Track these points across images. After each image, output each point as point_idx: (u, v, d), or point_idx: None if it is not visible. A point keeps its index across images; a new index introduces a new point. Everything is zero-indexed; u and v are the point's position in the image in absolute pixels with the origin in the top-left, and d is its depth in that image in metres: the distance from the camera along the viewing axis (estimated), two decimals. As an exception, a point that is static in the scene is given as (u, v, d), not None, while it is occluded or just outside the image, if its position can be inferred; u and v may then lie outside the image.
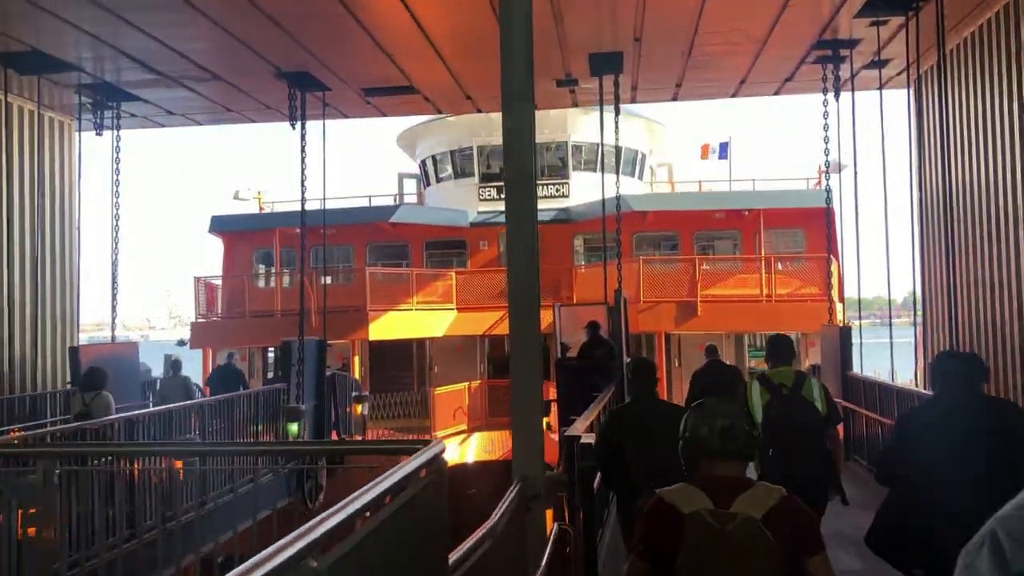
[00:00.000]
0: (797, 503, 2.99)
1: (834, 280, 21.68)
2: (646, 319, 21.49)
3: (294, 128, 15.51)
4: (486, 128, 26.82)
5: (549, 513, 5.99)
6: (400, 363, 25.57)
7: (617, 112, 15.73)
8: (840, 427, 6.48)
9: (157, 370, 18.27)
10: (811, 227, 24.66)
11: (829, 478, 5.97)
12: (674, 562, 2.89)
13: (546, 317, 20.73)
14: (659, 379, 6.58)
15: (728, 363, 13.68)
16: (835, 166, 27.57)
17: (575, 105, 17.96)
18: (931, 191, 15.20)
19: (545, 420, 16.98)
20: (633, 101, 17.73)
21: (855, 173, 15.32)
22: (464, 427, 21.87)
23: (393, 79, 15.39)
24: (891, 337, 14.16)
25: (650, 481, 4.75)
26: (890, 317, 16.14)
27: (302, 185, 15.99)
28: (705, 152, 32.38)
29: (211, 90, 15.91)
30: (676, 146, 34.52)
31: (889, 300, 16.67)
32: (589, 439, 6.12)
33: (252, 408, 13.58)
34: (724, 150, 31.99)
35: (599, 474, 6.34)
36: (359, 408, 18.37)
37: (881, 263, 14.69)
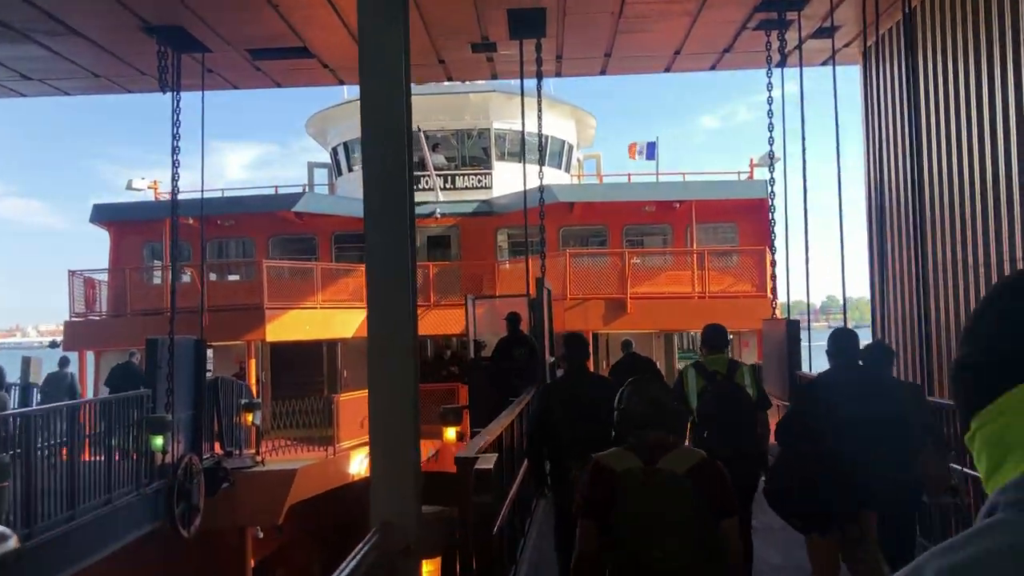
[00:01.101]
0: (717, 467, 3.35)
1: (775, 274, 20.39)
2: (573, 317, 19.83)
3: (164, 93, 13.31)
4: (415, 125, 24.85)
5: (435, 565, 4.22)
6: (308, 367, 23.39)
7: (539, 80, 14.02)
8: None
9: (13, 374, 15.79)
10: (745, 221, 23.40)
11: (760, 459, 6.17)
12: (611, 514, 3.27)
13: (455, 317, 18.83)
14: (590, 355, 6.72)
15: (644, 356, 12.19)
16: (767, 159, 26.56)
17: (494, 76, 16.17)
18: (886, 175, 13.87)
19: (456, 430, 15.25)
20: (558, 74, 16.05)
21: (803, 156, 13.87)
22: (373, 436, 19.82)
23: (283, 38, 13.37)
24: (810, 340, 12.54)
25: (584, 450, 4.48)
26: (809, 319, 14.92)
27: (173, 167, 13.78)
28: (632, 152, 31.06)
29: (70, 49, 13.62)
30: (605, 143, 33.06)
31: (830, 300, 15.31)
32: (490, 463, 4.35)
33: (100, 418, 11.39)
34: (652, 150, 30.63)
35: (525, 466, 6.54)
36: (250, 417, 16.22)
37: (821, 260, 13.28)
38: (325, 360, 23.92)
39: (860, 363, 5.65)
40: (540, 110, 14.72)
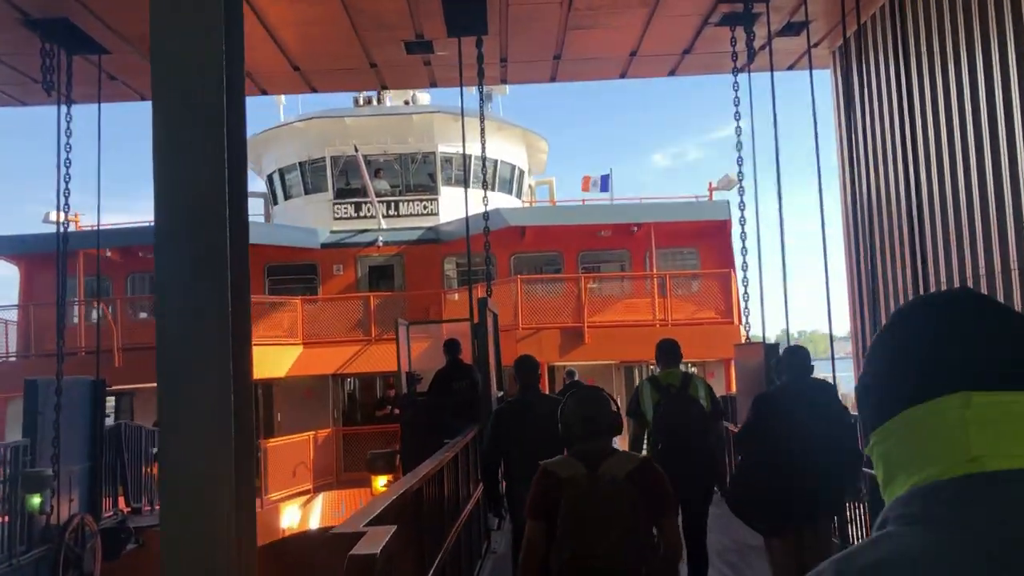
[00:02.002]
0: (655, 469, 3.63)
1: (747, 294, 19.08)
2: (526, 349, 18.27)
3: (50, 96, 11.58)
4: (340, 135, 23.36)
5: None
6: (241, 410, 21.44)
7: (481, 84, 12.58)
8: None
9: None
10: (707, 246, 22.18)
11: (713, 467, 6.46)
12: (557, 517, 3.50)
13: (384, 352, 17.17)
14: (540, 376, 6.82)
15: (588, 384, 10.93)
16: (726, 182, 25.46)
17: (433, 84, 14.74)
18: (871, 183, 12.65)
19: (387, 479, 13.57)
20: (504, 80, 14.68)
21: (777, 168, 12.55)
22: (308, 487, 17.97)
23: (190, 35, 11.76)
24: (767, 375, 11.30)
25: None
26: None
27: (59, 194, 11.90)
28: (586, 184, 29.90)
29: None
30: (557, 176, 31.80)
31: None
32: (377, 544, 2.77)
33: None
34: (606, 182, 29.49)
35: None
36: (162, 468, 14.32)
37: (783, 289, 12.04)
38: (261, 403, 22.01)
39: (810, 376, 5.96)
40: (482, 116, 13.31)
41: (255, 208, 27.75)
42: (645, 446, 6.56)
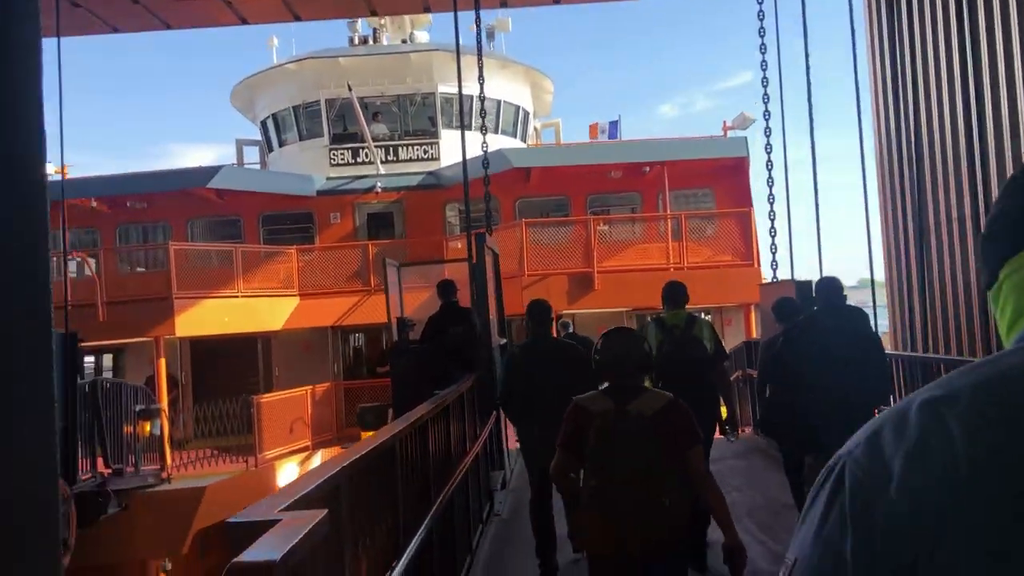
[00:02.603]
0: (681, 406, 3.79)
1: (757, 241, 18.01)
2: (532, 296, 17.31)
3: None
4: (335, 77, 22.15)
5: None
6: (240, 366, 20.59)
7: (478, 5, 11.40)
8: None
9: None
10: (723, 186, 20.99)
11: (714, 405, 6.53)
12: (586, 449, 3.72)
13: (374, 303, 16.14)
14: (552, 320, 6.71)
15: (582, 335, 10.31)
16: (742, 120, 24.18)
17: (427, 9, 13.57)
18: (893, 121, 11.47)
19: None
20: (504, 4, 13.46)
21: (808, 86, 11.36)
22: (306, 443, 17.15)
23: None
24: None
25: (547, 412, 5.07)
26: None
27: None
28: (594, 132, 28.64)
29: None
30: (564, 125, 30.35)
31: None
32: (286, 542, 1.74)
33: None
34: (614, 129, 28.23)
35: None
36: (147, 426, 13.49)
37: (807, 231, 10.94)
38: (260, 357, 21.15)
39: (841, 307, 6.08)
40: (480, 44, 12.19)
41: (251, 157, 26.66)
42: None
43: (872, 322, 6.73)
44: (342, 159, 22.80)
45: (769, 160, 11.49)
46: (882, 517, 0.83)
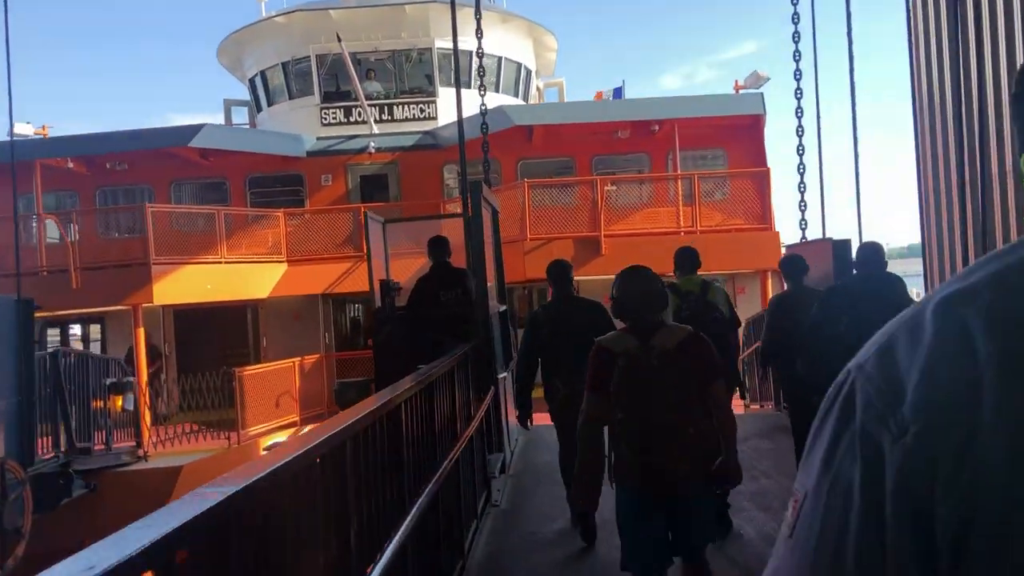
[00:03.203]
0: (702, 339, 3.85)
1: (771, 205, 16.91)
2: (535, 263, 16.19)
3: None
4: (326, 31, 20.85)
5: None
6: (228, 336, 19.56)
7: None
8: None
9: None
10: (736, 147, 19.84)
11: (734, 371, 6.51)
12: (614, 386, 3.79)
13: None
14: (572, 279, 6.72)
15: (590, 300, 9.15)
16: (755, 79, 22.91)
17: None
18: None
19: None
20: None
21: (849, 32, 10.14)
22: (295, 418, 16.14)
23: None
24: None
25: (572, 372, 5.56)
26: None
27: None
28: (599, 98, 27.41)
29: None
30: (568, 91, 28.96)
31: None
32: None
33: None
34: (619, 95, 26.98)
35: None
36: (119, 401, 12.49)
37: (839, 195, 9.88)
38: (250, 327, 20.10)
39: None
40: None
41: (239, 119, 25.49)
42: None
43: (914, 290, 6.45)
44: (334, 119, 21.62)
45: (799, 107, 10.34)
46: (896, 441, 0.73)
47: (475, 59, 13.50)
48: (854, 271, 6.32)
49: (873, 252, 6.07)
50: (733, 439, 3.88)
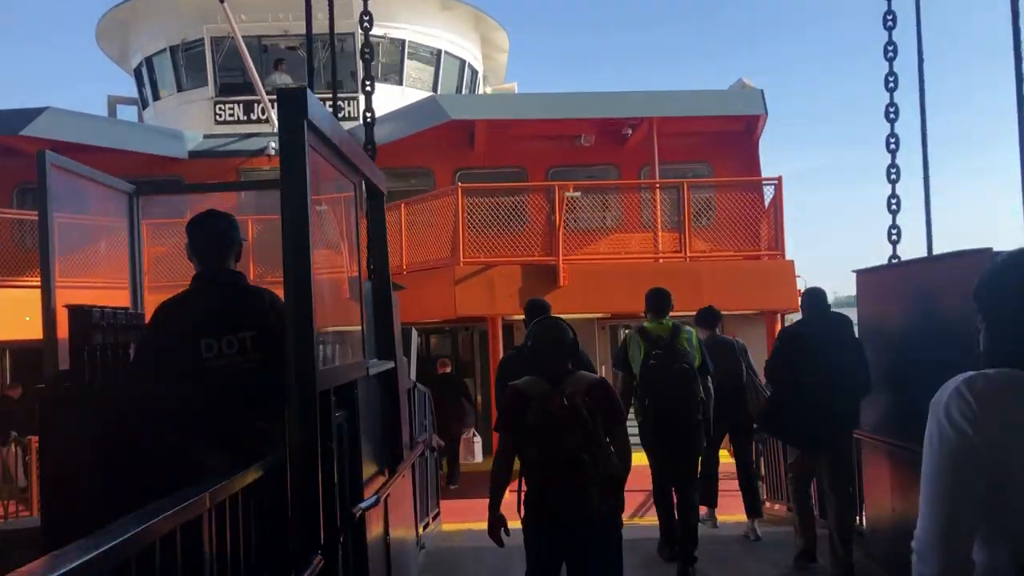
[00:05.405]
0: (607, 387, 4.19)
1: (782, 227, 13.12)
2: (472, 291, 12.18)
3: None
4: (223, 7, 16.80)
5: None
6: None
7: None
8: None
9: None
10: (724, 159, 16.09)
11: (702, 424, 6.27)
12: (523, 430, 4.04)
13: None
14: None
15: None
16: (741, 88, 19.30)
17: None
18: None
19: None
20: None
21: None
22: None
23: None
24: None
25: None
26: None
27: None
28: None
29: None
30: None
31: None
32: None
33: None
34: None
35: None
36: None
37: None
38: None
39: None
40: None
41: (127, 118, 21.13)
42: (633, 401, 6.42)
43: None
44: (231, 115, 17.57)
45: (891, 72, 6.48)
46: None
47: (359, 33, 9.40)
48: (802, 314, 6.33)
49: (820, 295, 6.15)
50: (622, 482, 4.09)
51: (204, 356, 3.20)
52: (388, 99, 16.99)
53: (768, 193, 13.11)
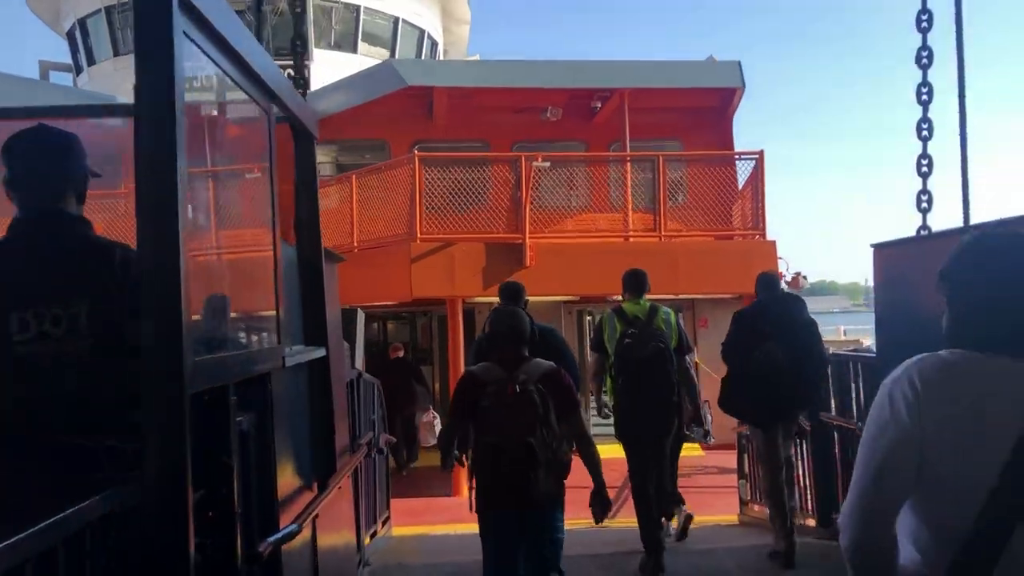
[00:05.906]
0: (561, 374, 4.25)
1: (764, 203, 12.32)
2: (430, 269, 11.22)
3: None
4: (162, -37, 15.54)
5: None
6: None
7: None
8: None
9: None
10: (696, 134, 15.24)
11: (677, 406, 6.13)
12: (475, 416, 4.16)
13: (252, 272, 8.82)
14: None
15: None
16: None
17: None
18: None
19: None
20: None
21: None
22: None
23: None
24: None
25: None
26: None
27: None
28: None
29: None
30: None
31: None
32: None
33: None
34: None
35: None
36: None
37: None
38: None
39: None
40: None
41: (64, 83, 19.76)
42: (607, 381, 6.27)
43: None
44: (172, 83, 16.29)
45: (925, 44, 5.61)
46: None
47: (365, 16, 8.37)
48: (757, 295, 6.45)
49: (771, 276, 6.59)
50: (599, 470, 4.24)
51: (13, 338, 2.20)
52: (342, 69, 15.94)
53: (747, 169, 12.31)
